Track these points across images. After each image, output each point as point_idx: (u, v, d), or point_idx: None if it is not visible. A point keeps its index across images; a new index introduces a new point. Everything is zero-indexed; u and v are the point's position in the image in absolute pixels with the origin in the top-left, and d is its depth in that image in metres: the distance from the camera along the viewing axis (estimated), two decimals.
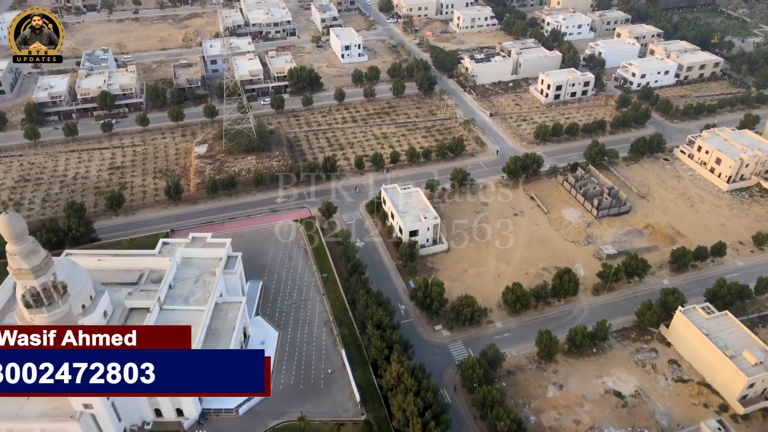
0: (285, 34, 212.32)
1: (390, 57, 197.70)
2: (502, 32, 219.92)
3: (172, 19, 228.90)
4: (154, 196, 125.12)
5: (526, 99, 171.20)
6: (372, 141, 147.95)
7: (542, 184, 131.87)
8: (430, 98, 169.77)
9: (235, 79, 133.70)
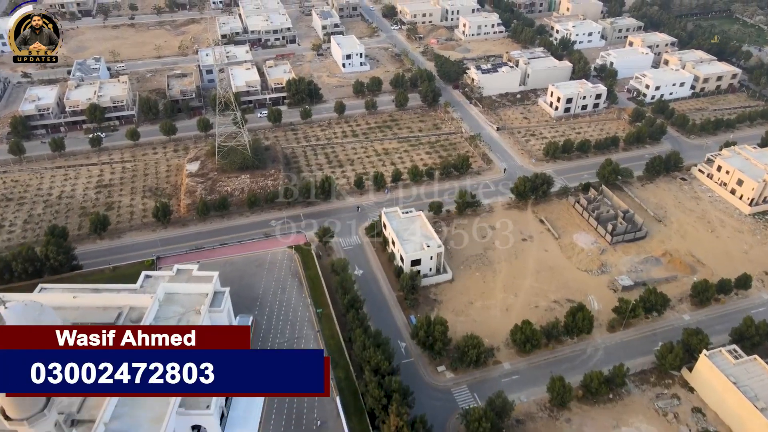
0: (285, 41, 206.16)
1: (393, 66, 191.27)
2: (509, 40, 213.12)
3: (170, 25, 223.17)
4: (142, 217, 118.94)
5: (535, 112, 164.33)
6: (373, 157, 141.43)
7: (552, 206, 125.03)
8: (435, 111, 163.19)
9: (228, 93, 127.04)
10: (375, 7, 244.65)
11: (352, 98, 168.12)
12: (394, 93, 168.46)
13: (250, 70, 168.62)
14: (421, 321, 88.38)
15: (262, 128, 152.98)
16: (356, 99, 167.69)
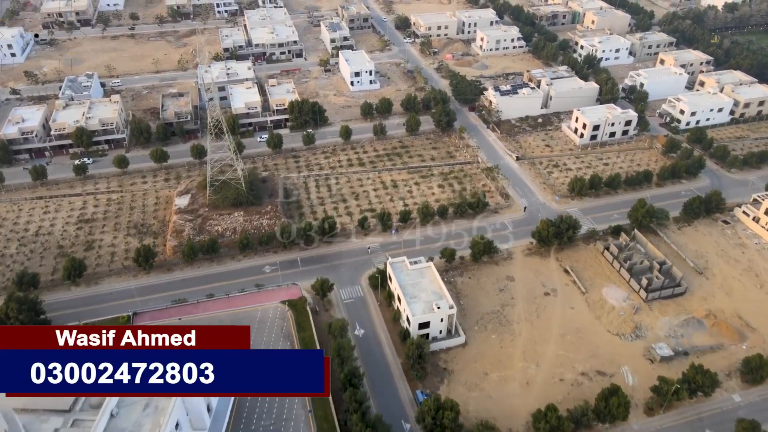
0: (291, 55, 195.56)
1: (405, 84, 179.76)
2: (530, 56, 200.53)
3: (171, 36, 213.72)
4: (124, 259, 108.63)
5: (558, 139, 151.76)
6: (380, 190, 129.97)
7: (579, 253, 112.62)
8: (449, 136, 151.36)
9: (220, 121, 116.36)
10: (388, 17, 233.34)
11: (360, 121, 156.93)
12: (405, 116, 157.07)
13: (251, 89, 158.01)
14: (428, 404, 76.63)
15: (261, 154, 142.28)
16: (364, 122, 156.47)
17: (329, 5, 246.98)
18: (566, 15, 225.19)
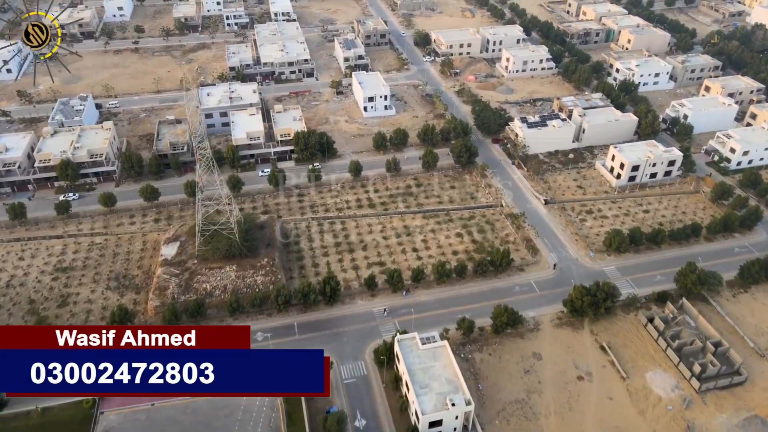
0: (301, 75, 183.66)
1: (423, 109, 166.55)
2: (559, 78, 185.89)
3: (177, 50, 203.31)
4: (101, 318, 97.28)
5: (592, 179, 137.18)
6: (391, 239, 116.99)
7: (617, 325, 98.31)
8: (469, 173, 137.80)
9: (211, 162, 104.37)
10: (407, 32, 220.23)
11: (372, 153, 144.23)
12: (421, 148, 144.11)
13: (254, 116, 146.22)
14: None
15: (261, 192, 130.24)
16: (376, 154, 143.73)
17: (345, 17, 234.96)
18: (600, 33, 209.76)
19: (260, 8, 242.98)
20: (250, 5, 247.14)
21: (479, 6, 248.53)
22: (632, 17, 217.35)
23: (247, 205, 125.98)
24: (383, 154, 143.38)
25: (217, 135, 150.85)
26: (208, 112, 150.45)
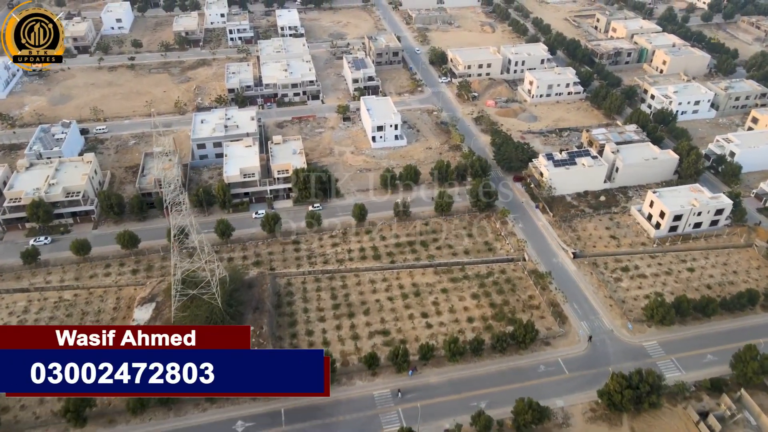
0: (306, 97, 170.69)
1: (437, 139, 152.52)
2: (587, 104, 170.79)
3: (176, 67, 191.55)
4: (57, 400, 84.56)
5: (627, 227, 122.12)
6: (398, 300, 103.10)
7: (662, 421, 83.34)
8: (488, 218, 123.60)
9: (185, 213, 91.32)
10: (422, 49, 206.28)
11: (379, 192, 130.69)
12: (434, 186, 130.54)
13: (250, 148, 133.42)
14: None
15: (254, 238, 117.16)
16: (384, 193, 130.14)
17: (357, 31, 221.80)
18: (631, 53, 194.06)
19: (267, 20, 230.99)
20: (256, 17, 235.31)
21: (500, 20, 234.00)
22: (667, 35, 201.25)
23: (237, 254, 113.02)
24: (391, 194, 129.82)
25: (210, 167, 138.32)
26: (200, 142, 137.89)
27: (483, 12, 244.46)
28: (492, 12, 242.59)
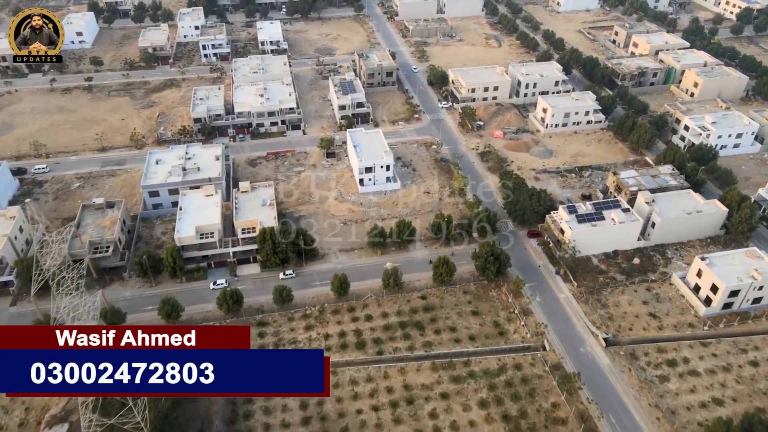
0: (285, 127, 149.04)
1: (437, 180, 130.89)
2: (610, 135, 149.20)
3: (139, 88, 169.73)
4: None
5: (669, 301, 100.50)
6: (385, 410, 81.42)
7: None
8: (498, 288, 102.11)
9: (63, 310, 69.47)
10: (420, 67, 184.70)
11: (366, 253, 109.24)
12: (432, 245, 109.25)
13: (211, 197, 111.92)
14: None
15: (210, 318, 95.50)
16: (372, 255, 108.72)
17: (347, 46, 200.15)
18: (657, 73, 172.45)
19: (248, 33, 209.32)
20: (236, 29, 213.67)
21: (506, 32, 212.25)
22: (696, 52, 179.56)
23: None
24: (381, 255, 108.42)
25: (164, 219, 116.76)
26: (152, 189, 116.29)
27: (488, 23, 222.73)
28: (497, 23, 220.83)
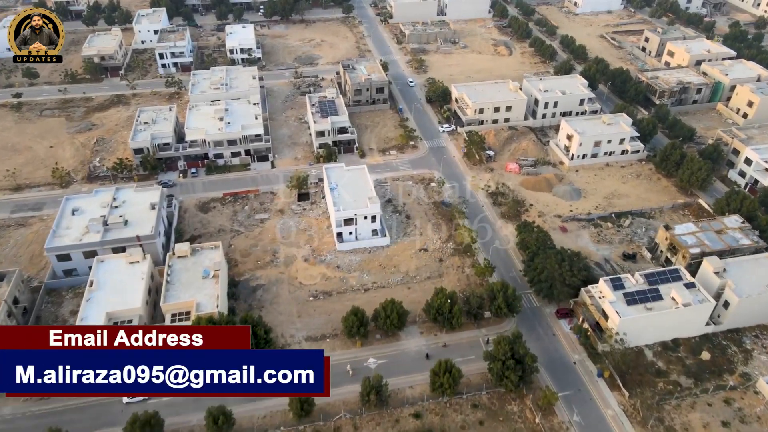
0: (250, 158, 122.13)
1: (436, 232, 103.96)
2: (651, 170, 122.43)
3: (80, 107, 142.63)
4: None
5: (757, 419, 73.76)
6: None
7: None
8: (519, 402, 75.17)
9: None
10: (417, 80, 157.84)
11: (341, 343, 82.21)
12: (429, 331, 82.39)
13: (136, 266, 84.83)
14: None
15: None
16: (350, 347, 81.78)
17: (332, 54, 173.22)
18: (702, 89, 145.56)
19: (218, 38, 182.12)
20: (204, 33, 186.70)
21: (518, 38, 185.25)
22: (746, 63, 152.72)
23: None
24: (361, 347, 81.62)
25: (76, 288, 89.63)
26: (61, 252, 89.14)
27: (496, 26, 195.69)
28: (507, 27, 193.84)
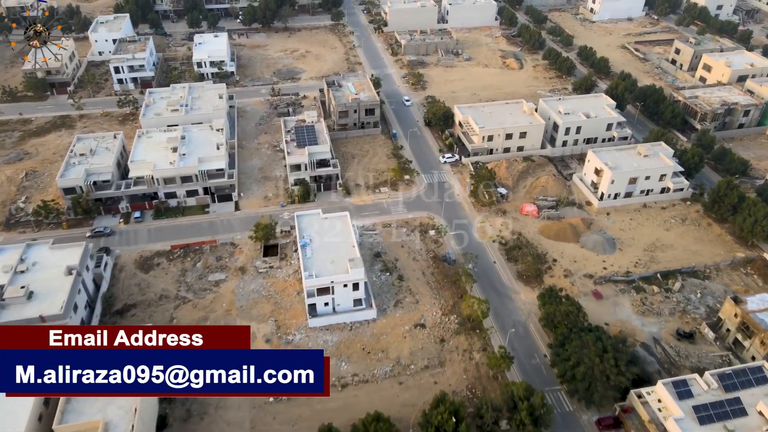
0: (210, 197, 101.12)
1: (437, 299, 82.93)
2: (698, 213, 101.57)
3: (15, 130, 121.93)
4: None
5: None
6: None
7: None
8: None
9: None
10: (414, 98, 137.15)
11: None
12: None
13: None
14: None
15: None
16: None
17: (317, 67, 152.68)
18: (750, 110, 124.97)
19: (188, 49, 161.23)
20: (173, 43, 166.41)
21: (529, 49, 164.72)
22: None
23: None
24: None
25: None
26: None
27: (504, 35, 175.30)
28: (516, 36, 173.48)
